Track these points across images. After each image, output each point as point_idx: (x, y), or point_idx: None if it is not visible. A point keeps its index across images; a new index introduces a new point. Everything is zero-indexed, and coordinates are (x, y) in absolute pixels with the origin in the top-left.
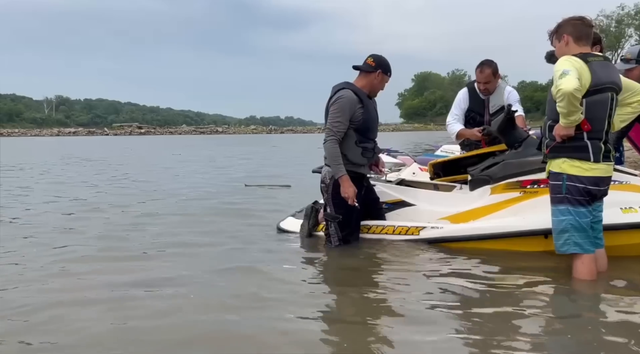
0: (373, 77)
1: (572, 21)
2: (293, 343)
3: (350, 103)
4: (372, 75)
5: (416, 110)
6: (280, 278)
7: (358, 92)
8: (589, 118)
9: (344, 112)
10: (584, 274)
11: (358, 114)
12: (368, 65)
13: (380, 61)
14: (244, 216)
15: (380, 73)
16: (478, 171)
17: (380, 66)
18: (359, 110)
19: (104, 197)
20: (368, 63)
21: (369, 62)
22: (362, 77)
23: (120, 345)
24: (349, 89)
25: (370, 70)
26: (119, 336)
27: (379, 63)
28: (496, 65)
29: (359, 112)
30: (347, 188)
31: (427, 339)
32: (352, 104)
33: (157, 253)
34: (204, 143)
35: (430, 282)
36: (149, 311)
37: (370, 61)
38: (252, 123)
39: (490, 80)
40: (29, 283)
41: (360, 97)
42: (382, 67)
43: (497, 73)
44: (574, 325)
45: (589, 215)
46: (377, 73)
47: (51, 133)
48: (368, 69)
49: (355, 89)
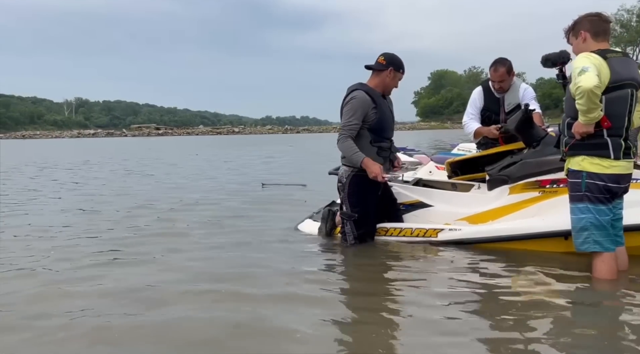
0: (385, 75)
1: (589, 17)
2: (304, 341)
3: (363, 104)
4: (384, 73)
5: (433, 109)
6: (296, 276)
7: (371, 92)
8: (608, 115)
9: (356, 112)
10: (604, 272)
11: (371, 114)
12: (379, 63)
13: (392, 58)
14: (262, 215)
15: (392, 71)
16: (496, 170)
17: (391, 63)
18: (372, 110)
19: (148, 193)
20: (379, 62)
21: (380, 61)
22: (374, 76)
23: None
24: (362, 90)
25: (381, 68)
26: (154, 333)
27: (390, 61)
28: (510, 63)
29: (372, 112)
30: (372, 166)
31: (445, 340)
32: (365, 104)
33: (178, 253)
34: (220, 144)
35: (447, 281)
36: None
37: (381, 59)
38: (268, 123)
39: (505, 79)
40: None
41: (373, 96)
42: (393, 64)
43: (511, 72)
44: (594, 325)
45: (609, 212)
46: (388, 70)
47: (71, 135)
48: (379, 68)
49: (367, 89)
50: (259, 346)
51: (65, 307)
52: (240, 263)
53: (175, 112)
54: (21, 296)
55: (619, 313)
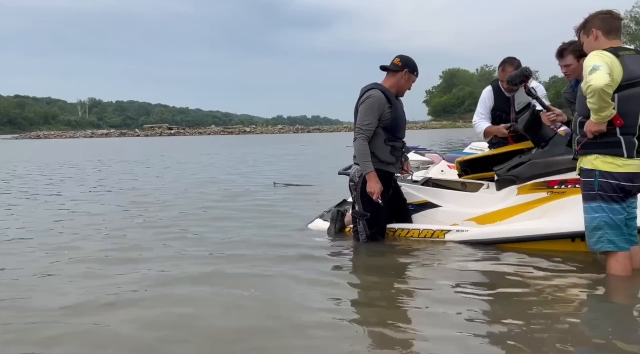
0: (400, 76)
1: (600, 15)
2: (312, 337)
3: (379, 103)
4: (399, 75)
5: (444, 107)
6: (307, 274)
7: (386, 91)
8: (621, 113)
9: (372, 111)
10: (618, 271)
11: (387, 113)
12: (395, 65)
13: (407, 61)
14: (273, 214)
15: (407, 73)
16: (504, 170)
17: (406, 65)
18: (388, 110)
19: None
20: (395, 63)
21: (396, 62)
22: (389, 77)
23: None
24: (378, 89)
25: (397, 69)
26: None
27: (405, 62)
28: (519, 62)
29: (388, 111)
30: (374, 184)
31: (454, 335)
32: (381, 103)
33: (191, 252)
34: (232, 143)
35: (458, 279)
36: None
37: (396, 61)
38: (279, 122)
39: None
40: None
41: (388, 96)
42: (408, 66)
43: None
44: (607, 323)
45: (622, 211)
46: (403, 72)
47: (85, 135)
48: (395, 69)
49: (383, 89)
50: (269, 342)
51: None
52: (249, 261)
53: (187, 112)
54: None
55: (632, 311)
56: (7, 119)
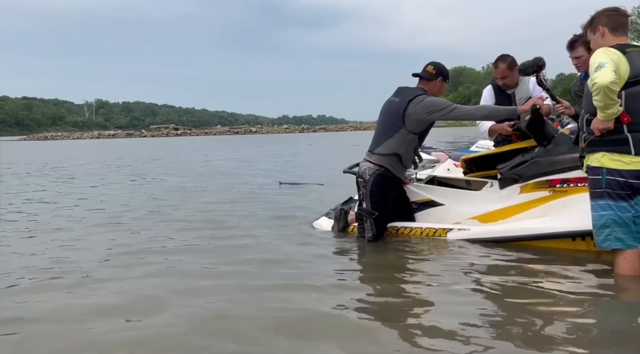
0: (433, 84)
1: (607, 12)
2: (318, 333)
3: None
4: (432, 83)
5: None
6: (314, 272)
7: None
8: (628, 110)
9: (439, 100)
10: (626, 270)
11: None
12: (428, 73)
13: (440, 68)
14: (278, 213)
15: (441, 81)
16: (507, 169)
17: (440, 73)
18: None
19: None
20: (428, 71)
21: (429, 70)
22: (422, 84)
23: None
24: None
25: (431, 78)
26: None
27: (439, 70)
28: (512, 58)
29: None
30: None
31: (462, 334)
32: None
33: (199, 248)
34: (238, 143)
35: (464, 277)
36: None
37: (430, 69)
38: (285, 122)
39: (507, 75)
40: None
41: None
42: (442, 74)
43: (513, 67)
44: (615, 321)
45: (630, 209)
46: (437, 80)
47: (92, 136)
48: (429, 77)
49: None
50: (272, 341)
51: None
52: (258, 258)
53: (193, 112)
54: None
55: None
56: (15, 121)
